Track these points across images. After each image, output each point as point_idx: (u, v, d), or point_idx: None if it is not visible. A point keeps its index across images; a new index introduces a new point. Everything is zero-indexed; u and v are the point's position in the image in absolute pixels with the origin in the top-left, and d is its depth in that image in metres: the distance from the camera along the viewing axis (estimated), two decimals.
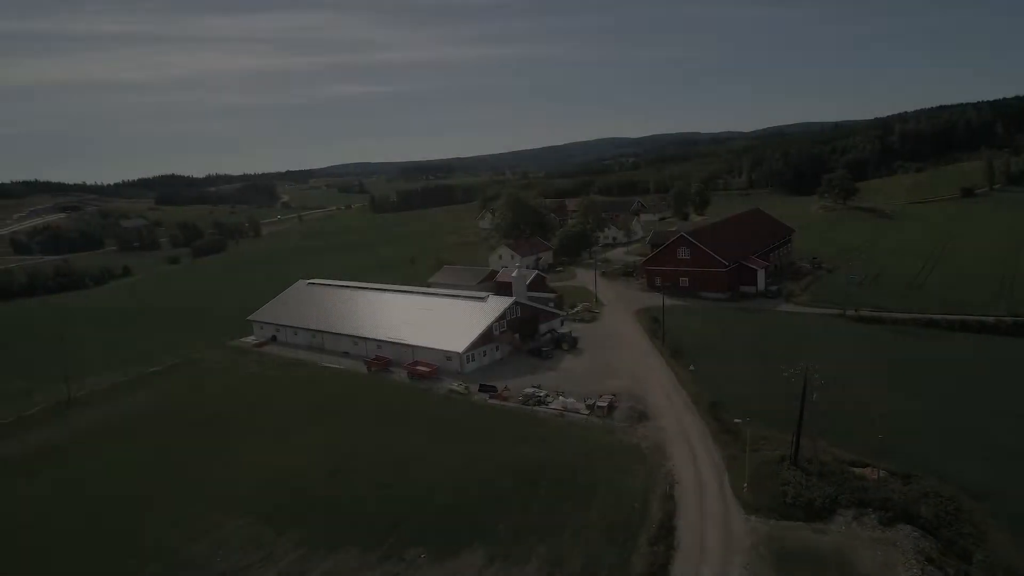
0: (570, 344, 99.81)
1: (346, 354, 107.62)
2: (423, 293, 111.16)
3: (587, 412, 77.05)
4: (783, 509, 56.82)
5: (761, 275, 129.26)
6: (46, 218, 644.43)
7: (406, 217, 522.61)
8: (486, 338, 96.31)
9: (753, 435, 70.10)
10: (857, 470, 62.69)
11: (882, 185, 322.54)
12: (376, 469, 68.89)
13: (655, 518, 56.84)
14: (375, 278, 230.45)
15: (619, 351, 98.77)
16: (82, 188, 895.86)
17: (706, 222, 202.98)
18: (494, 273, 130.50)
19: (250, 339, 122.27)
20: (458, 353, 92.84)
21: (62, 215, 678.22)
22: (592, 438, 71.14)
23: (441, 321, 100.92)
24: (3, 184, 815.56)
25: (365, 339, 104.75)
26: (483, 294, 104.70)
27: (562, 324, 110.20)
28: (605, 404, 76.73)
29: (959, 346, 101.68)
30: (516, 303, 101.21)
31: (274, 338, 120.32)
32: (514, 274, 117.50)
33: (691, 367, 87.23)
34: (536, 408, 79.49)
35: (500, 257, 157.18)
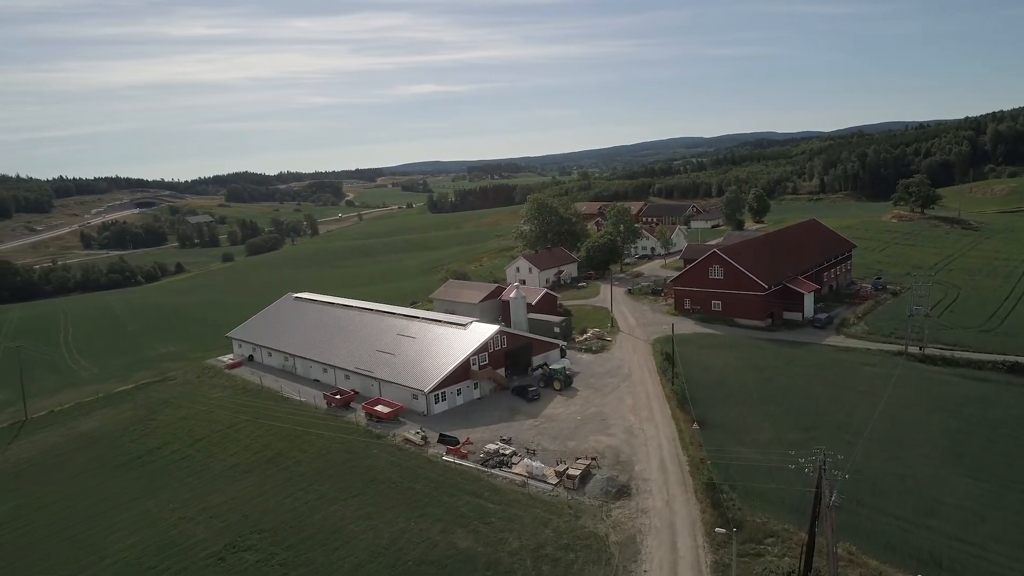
0: (563, 382, 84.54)
1: (316, 381, 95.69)
2: (405, 316, 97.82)
3: (555, 481, 61.93)
4: None
5: (809, 300, 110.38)
6: (121, 214, 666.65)
7: (461, 218, 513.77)
8: (462, 374, 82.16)
9: (760, 529, 53.86)
10: None
11: (970, 192, 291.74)
12: (278, 548, 55.87)
13: None
14: (403, 285, 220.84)
15: (620, 394, 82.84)
16: (160, 184, 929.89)
17: (763, 232, 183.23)
18: (500, 289, 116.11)
19: (227, 358, 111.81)
20: (424, 392, 78.98)
21: (136, 211, 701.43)
22: (550, 522, 55.99)
23: (416, 351, 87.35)
24: (87, 180, 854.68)
25: (334, 368, 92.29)
26: (466, 320, 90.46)
27: (563, 355, 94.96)
28: (577, 473, 61.41)
29: None
30: (502, 332, 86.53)
31: (251, 358, 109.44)
32: (512, 295, 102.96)
33: (695, 424, 70.62)
34: (495, 471, 64.86)
35: (518, 270, 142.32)
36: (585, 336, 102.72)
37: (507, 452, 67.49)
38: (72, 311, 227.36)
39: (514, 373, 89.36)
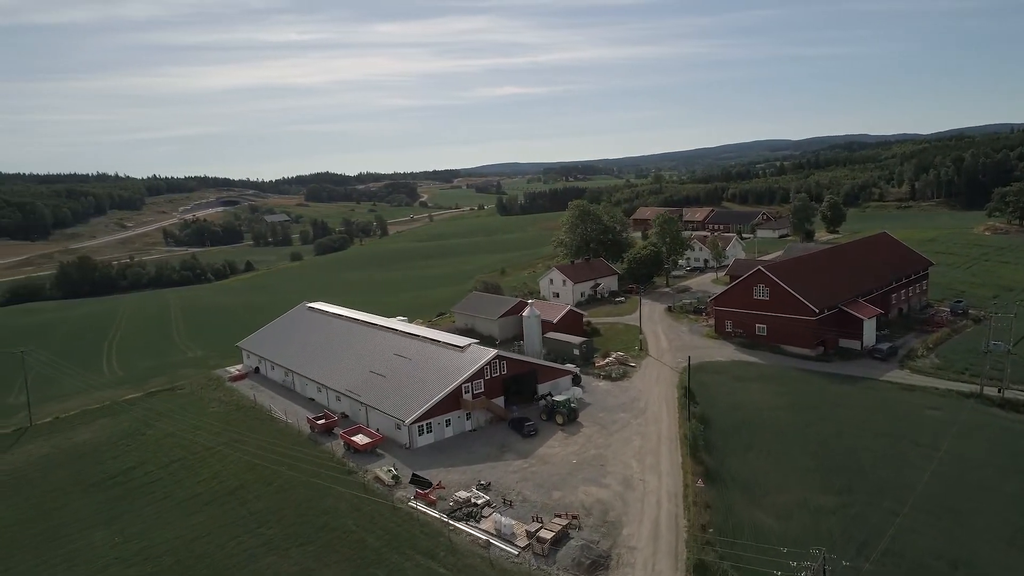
0: (567, 416, 75.11)
1: (311, 401, 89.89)
2: (405, 333, 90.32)
3: (523, 544, 52.90)
4: None
5: (869, 326, 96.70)
6: (205, 212, 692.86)
7: (528, 220, 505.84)
8: (452, 403, 73.97)
9: None
10: None
11: None
12: None
13: None
14: (446, 291, 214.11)
15: (628, 433, 72.76)
16: (245, 184, 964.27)
17: (835, 244, 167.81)
18: (521, 305, 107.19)
19: (234, 368, 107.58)
20: (405, 423, 71.27)
21: (220, 209, 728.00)
22: None
23: (407, 374, 79.80)
24: (178, 179, 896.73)
25: (327, 388, 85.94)
26: (465, 342, 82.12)
27: (577, 382, 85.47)
28: (550, 535, 52.19)
29: None
30: (500, 357, 77.75)
31: (257, 370, 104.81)
32: (525, 312, 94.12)
33: (700, 481, 60.01)
34: (460, 525, 56.34)
35: (551, 282, 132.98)
36: (606, 361, 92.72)
37: (479, 502, 58.93)
38: (132, 308, 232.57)
39: (517, 402, 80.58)
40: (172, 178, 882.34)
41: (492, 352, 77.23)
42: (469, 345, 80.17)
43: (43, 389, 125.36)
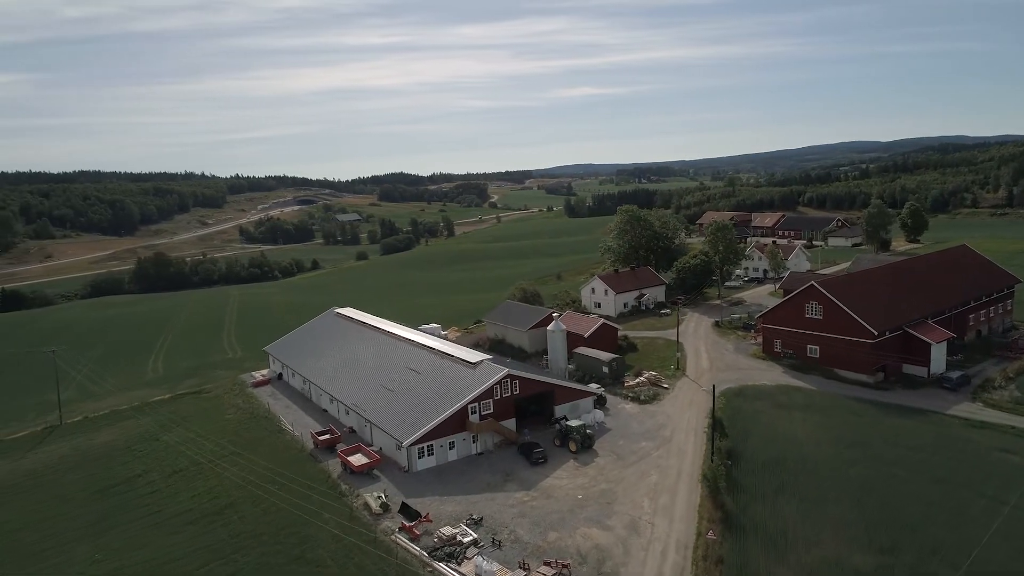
0: (580, 443, 68.94)
1: (325, 412, 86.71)
2: (422, 346, 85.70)
3: None
4: None
5: (938, 351, 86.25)
6: (281, 210, 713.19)
7: (595, 223, 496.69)
8: (457, 424, 68.96)
9: None
10: None
11: None
12: None
13: None
14: (494, 295, 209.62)
15: (645, 466, 65.97)
16: (321, 183, 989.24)
17: (914, 254, 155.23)
18: (552, 317, 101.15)
19: (259, 374, 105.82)
20: (404, 444, 66.65)
21: (296, 207, 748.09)
22: None
23: (414, 390, 75.28)
24: (259, 178, 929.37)
25: (337, 400, 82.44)
26: (477, 357, 76.85)
27: (601, 404, 79.10)
28: None
29: None
30: (511, 376, 72.09)
31: (280, 376, 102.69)
32: (550, 326, 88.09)
33: (711, 533, 52.78)
34: (439, 566, 51.15)
35: (593, 291, 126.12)
36: (636, 381, 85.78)
37: (465, 540, 53.62)
38: (195, 305, 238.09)
39: (532, 425, 74.90)
40: (253, 177, 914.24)
41: (503, 371, 71.62)
42: (481, 361, 74.92)
43: (87, 386, 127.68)
